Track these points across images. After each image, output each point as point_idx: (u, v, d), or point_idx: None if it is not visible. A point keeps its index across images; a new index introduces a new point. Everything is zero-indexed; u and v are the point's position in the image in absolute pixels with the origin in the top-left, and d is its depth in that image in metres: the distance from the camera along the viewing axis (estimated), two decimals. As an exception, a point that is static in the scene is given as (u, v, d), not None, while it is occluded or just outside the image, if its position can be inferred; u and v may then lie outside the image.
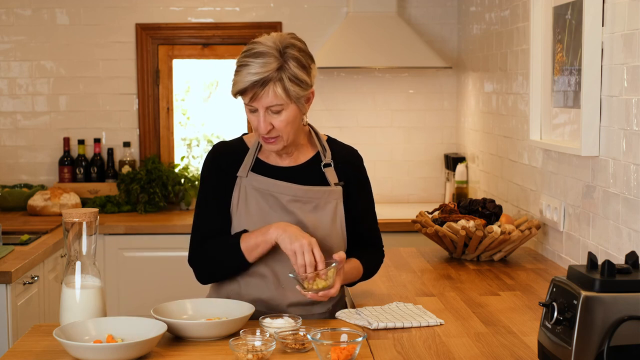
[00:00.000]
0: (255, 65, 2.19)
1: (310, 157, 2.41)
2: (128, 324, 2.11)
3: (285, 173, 2.37)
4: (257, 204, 2.34)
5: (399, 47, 4.72)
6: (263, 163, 2.38)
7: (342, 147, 2.47)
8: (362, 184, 2.46)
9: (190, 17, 4.96)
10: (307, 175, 2.37)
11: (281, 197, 2.34)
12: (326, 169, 2.39)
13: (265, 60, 2.19)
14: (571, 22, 2.95)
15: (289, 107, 2.23)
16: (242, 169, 2.36)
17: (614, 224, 2.64)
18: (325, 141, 2.44)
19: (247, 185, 2.35)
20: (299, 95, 2.23)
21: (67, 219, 2.16)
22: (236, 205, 2.35)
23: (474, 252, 3.22)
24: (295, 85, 2.21)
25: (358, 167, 2.46)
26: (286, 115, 2.24)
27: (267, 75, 2.18)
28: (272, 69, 2.19)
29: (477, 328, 2.29)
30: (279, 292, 2.34)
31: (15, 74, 4.94)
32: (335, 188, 2.37)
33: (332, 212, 2.36)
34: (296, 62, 2.22)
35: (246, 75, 2.19)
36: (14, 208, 4.68)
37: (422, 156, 5.09)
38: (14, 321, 3.29)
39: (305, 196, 2.34)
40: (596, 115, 2.72)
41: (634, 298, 1.69)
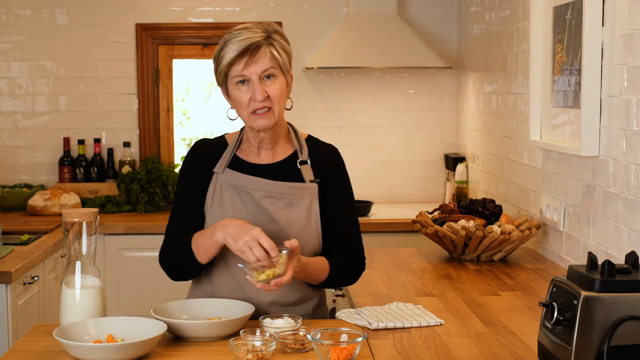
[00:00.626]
0: (243, 34, 2.22)
1: (288, 154, 2.39)
2: (128, 324, 2.11)
3: (261, 170, 2.35)
4: (231, 200, 2.33)
5: (399, 47, 4.72)
6: (240, 160, 2.38)
7: (321, 146, 2.44)
8: (340, 184, 2.41)
9: (190, 17, 4.96)
10: (283, 172, 2.35)
11: (254, 192, 2.32)
12: (302, 166, 2.36)
13: (253, 30, 2.23)
14: (571, 22, 2.95)
15: (280, 77, 2.26)
16: (219, 165, 2.36)
17: (614, 224, 2.64)
18: (304, 139, 2.42)
19: (223, 182, 2.34)
20: (287, 67, 2.27)
21: (67, 219, 2.16)
22: (211, 201, 2.34)
23: (474, 252, 3.22)
24: (285, 54, 2.26)
25: (336, 165, 2.43)
26: (279, 84, 2.25)
27: (258, 40, 2.21)
28: (261, 36, 2.23)
29: (477, 328, 2.29)
30: (254, 291, 2.29)
31: (15, 74, 4.94)
32: (310, 185, 2.34)
33: (306, 209, 2.33)
34: (281, 37, 2.28)
35: (236, 42, 2.21)
36: (14, 208, 4.68)
37: (422, 156, 5.09)
38: (14, 321, 3.29)
39: (278, 192, 2.32)
40: (596, 115, 2.72)
41: (634, 298, 1.69)
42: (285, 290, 2.32)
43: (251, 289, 2.29)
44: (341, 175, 2.43)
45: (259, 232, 2.12)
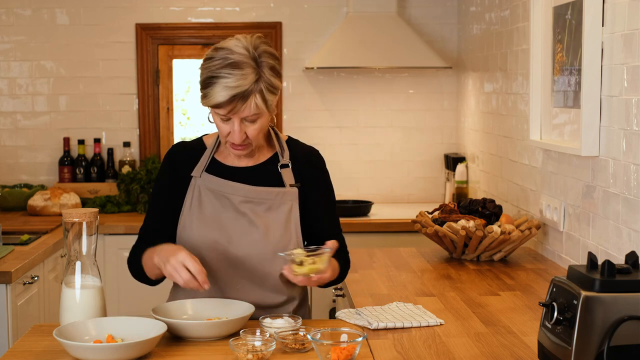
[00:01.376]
0: (232, 77, 2.13)
1: (268, 157, 2.37)
2: (128, 324, 2.11)
3: (240, 173, 2.34)
4: (211, 205, 2.31)
5: (399, 47, 4.72)
6: (219, 163, 2.36)
7: (302, 148, 2.42)
8: (321, 185, 2.40)
9: (190, 17, 4.96)
10: (263, 175, 2.34)
11: (233, 197, 2.31)
12: (283, 169, 2.34)
13: (244, 72, 2.14)
14: (571, 22, 2.95)
15: (264, 116, 2.21)
16: (197, 169, 2.34)
17: (614, 224, 2.64)
18: (284, 142, 2.39)
19: (201, 186, 2.33)
20: (273, 103, 2.22)
21: (67, 219, 2.16)
22: (189, 205, 2.32)
23: (474, 252, 3.22)
24: (272, 94, 2.19)
25: (317, 167, 2.41)
26: (260, 124, 2.22)
27: (247, 89, 2.13)
28: (251, 81, 2.14)
29: (477, 328, 2.29)
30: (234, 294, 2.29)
31: (15, 74, 4.94)
32: (290, 189, 2.33)
33: (286, 213, 2.31)
34: (271, 70, 2.19)
35: (223, 88, 2.14)
36: (14, 208, 4.68)
37: (422, 156, 5.09)
38: (14, 321, 3.29)
39: (257, 197, 2.31)
40: (596, 115, 2.72)
41: (634, 298, 1.69)
42: (271, 293, 2.32)
43: (231, 292, 2.30)
44: (322, 176, 2.41)
45: (185, 256, 2.10)
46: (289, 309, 2.37)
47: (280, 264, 2.28)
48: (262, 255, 2.29)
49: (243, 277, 2.30)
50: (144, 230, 2.39)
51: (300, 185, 2.35)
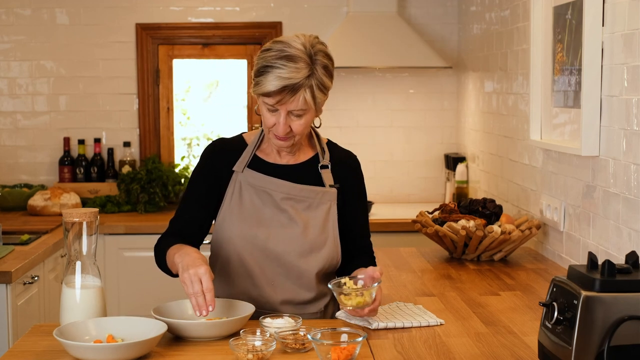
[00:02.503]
0: (286, 69, 2.16)
1: (309, 157, 2.41)
2: (128, 324, 2.11)
3: (281, 171, 2.37)
4: (250, 200, 2.34)
5: (399, 47, 4.72)
6: (260, 160, 2.39)
7: (341, 151, 2.46)
8: (358, 190, 2.45)
9: (190, 17, 4.96)
10: (303, 174, 2.37)
11: (275, 194, 2.34)
12: (323, 170, 2.38)
13: (298, 66, 2.17)
14: (571, 22, 2.95)
15: (310, 112, 2.25)
16: (239, 164, 2.37)
17: (614, 223, 2.63)
18: (325, 143, 2.44)
19: (242, 181, 2.36)
20: (322, 101, 2.25)
21: (67, 218, 2.16)
22: (230, 199, 2.35)
23: (474, 252, 3.22)
24: (321, 93, 2.23)
25: (355, 172, 2.45)
26: (306, 119, 2.25)
27: (298, 82, 2.17)
28: (304, 75, 2.17)
29: (478, 328, 2.29)
30: (269, 289, 2.33)
31: (15, 74, 4.94)
32: (330, 189, 2.37)
33: (325, 213, 2.35)
34: (324, 69, 2.23)
35: (276, 78, 2.16)
36: (14, 208, 4.68)
37: (422, 156, 5.09)
38: (14, 321, 3.29)
39: (298, 195, 2.34)
40: (596, 115, 2.72)
41: (634, 298, 1.69)
42: (300, 290, 2.34)
43: (267, 287, 2.32)
44: (358, 180, 2.45)
45: (205, 271, 2.09)
46: (320, 306, 2.39)
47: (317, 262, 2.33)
48: (299, 252, 2.32)
49: (279, 273, 2.33)
50: (175, 219, 2.40)
51: (340, 187, 2.38)
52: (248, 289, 2.34)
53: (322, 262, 2.34)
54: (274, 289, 2.33)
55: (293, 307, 2.34)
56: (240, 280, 2.34)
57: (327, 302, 2.42)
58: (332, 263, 2.37)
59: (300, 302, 2.35)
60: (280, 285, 2.33)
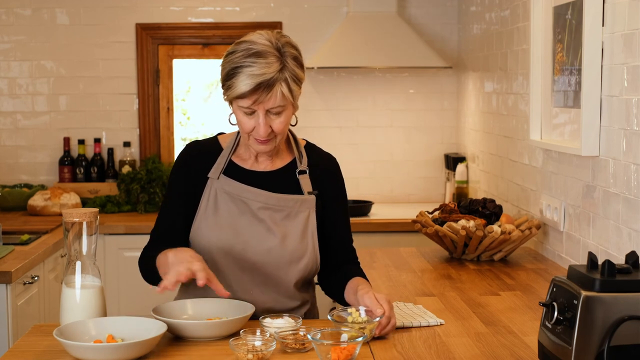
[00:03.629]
0: (257, 66, 2.09)
1: (287, 162, 2.34)
2: (128, 324, 2.11)
3: (258, 178, 2.30)
4: (227, 208, 2.28)
5: (399, 47, 4.72)
6: (237, 166, 2.32)
7: (319, 154, 2.39)
8: (337, 194, 2.38)
9: (190, 17, 4.96)
10: (281, 181, 2.31)
11: (252, 203, 2.28)
12: (301, 175, 2.32)
13: (268, 61, 2.10)
14: (571, 22, 2.95)
15: (288, 109, 2.18)
16: (214, 171, 2.30)
17: (614, 223, 2.63)
18: (302, 147, 2.37)
19: (218, 188, 2.29)
20: (297, 95, 2.19)
21: (67, 218, 2.16)
22: (205, 207, 2.29)
23: (474, 252, 3.22)
24: (296, 85, 2.16)
25: (334, 175, 2.38)
26: (286, 116, 2.18)
27: (272, 76, 2.09)
28: (276, 69, 2.10)
29: (478, 328, 2.29)
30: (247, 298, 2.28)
31: (15, 74, 4.94)
32: (308, 197, 2.31)
33: (303, 221, 2.29)
34: (295, 61, 2.16)
35: (248, 77, 2.09)
36: (14, 208, 4.68)
37: (422, 156, 5.09)
38: (14, 321, 3.29)
39: (276, 204, 2.28)
40: (596, 115, 2.72)
41: (634, 298, 1.69)
42: (284, 298, 2.31)
43: (245, 297, 2.28)
44: (338, 184, 2.39)
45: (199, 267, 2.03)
46: (300, 312, 2.36)
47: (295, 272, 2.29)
48: (277, 263, 2.27)
49: (257, 282, 2.29)
50: (156, 229, 2.36)
51: (318, 192, 2.33)
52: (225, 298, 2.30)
53: (301, 272, 2.30)
54: (252, 298, 2.28)
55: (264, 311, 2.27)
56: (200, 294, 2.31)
57: (307, 309, 2.38)
58: (311, 271, 2.34)
59: (279, 310, 2.30)
60: (258, 294, 2.28)
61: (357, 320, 2.11)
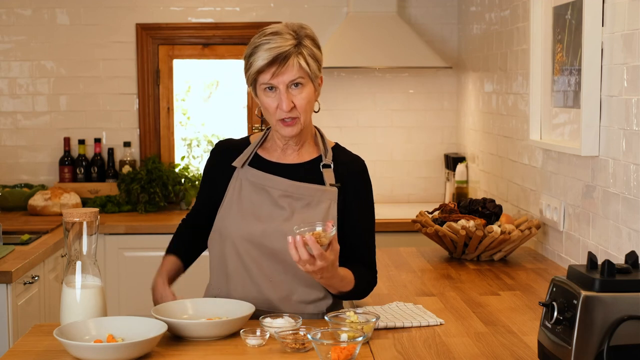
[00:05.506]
0: (273, 42, 2.21)
1: (313, 157, 2.40)
2: (128, 323, 2.11)
3: (283, 169, 2.36)
4: (249, 197, 2.35)
5: (399, 47, 4.72)
6: (261, 158, 2.40)
7: (346, 154, 2.43)
8: (361, 193, 2.38)
9: (190, 17, 4.96)
10: (304, 173, 2.36)
11: (273, 191, 2.34)
12: (325, 169, 2.36)
13: (284, 37, 2.23)
14: (571, 22, 2.96)
15: (308, 85, 2.28)
16: (239, 160, 2.39)
17: (614, 223, 2.64)
18: (330, 146, 2.43)
19: (243, 178, 2.38)
20: (316, 74, 2.29)
21: (68, 218, 2.17)
22: (230, 196, 2.37)
23: (474, 251, 3.22)
24: (314, 62, 2.27)
25: (359, 174, 2.39)
26: (307, 93, 2.27)
27: (288, 49, 2.22)
28: (292, 44, 2.23)
29: (477, 328, 2.29)
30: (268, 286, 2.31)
31: (15, 74, 4.94)
32: (330, 188, 2.33)
33: (324, 211, 2.32)
34: (311, 40, 2.30)
35: (265, 51, 2.21)
36: (14, 208, 4.68)
37: (422, 156, 5.09)
38: (14, 321, 3.29)
39: (296, 192, 2.33)
40: (596, 115, 2.72)
41: (634, 298, 1.70)
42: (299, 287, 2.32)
43: (265, 284, 2.31)
44: (365, 185, 2.40)
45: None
46: (321, 307, 2.35)
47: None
48: None
49: (277, 270, 2.32)
50: (189, 215, 2.55)
51: (341, 186, 2.35)
52: (246, 285, 2.33)
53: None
54: (273, 286, 2.31)
55: (293, 304, 2.31)
56: (238, 277, 2.34)
57: (329, 305, 2.38)
58: None
59: (299, 300, 2.32)
60: (278, 281, 2.31)
61: (354, 321, 2.11)
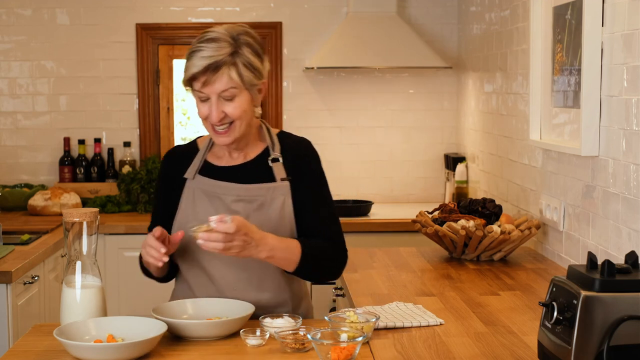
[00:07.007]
0: (208, 49, 2.16)
1: (260, 152, 2.35)
2: (128, 324, 2.11)
3: (231, 172, 2.33)
4: (203, 207, 2.31)
5: (399, 47, 4.72)
6: (211, 165, 2.36)
7: (293, 140, 2.38)
8: (311, 176, 2.34)
9: (190, 17, 4.97)
10: (254, 172, 2.32)
11: (225, 197, 2.30)
12: (274, 163, 2.32)
13: (219, 45, 2.17)
14: (571, 22, 2.96)
15: (242, 94, 2.21)
16: (189, 171, 2.35)
17: (613, 223, 2.64)
18: (275, 135, 2.37)
19: (195, 188, 2.34)
20: (252, 83, 2.21)
21: (68, 218, 2.17)
22: (184, 207, 2.34)
23: (473, 251, 3.22)
24: (249, 72, 2.19)
25: (308, 158, 2.35)
26: (239, 102, 2.21)
27: (220, 59, 2.16)
28: (226, 53, 2.17)
29: (477, 328, 2.29)
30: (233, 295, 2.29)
31: (15, 74, 4.94)
32: (281, 184, 2.31)
33: (279, 208, 2.30)
34: (250, 48, 2.21)
35: (199, 59, 2.16)
36: (14, 208, 4.68)
37: (422, 156, 5.09)
38: (14, 321, 3.29)
39: (248, 195, 2.30)
40: (596, 115, 2.72)
41: (633, 298, 1.70)
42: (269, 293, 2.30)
43: (230, 293, 2.30)
44: (311, 166, 2.36)
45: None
46: (287, 308, 2.35)
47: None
48: None
49: (241, 278, 2.30)
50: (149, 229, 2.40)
51: (292, 178, 2.32)
52: (211, 296, 2.31)
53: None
54: (237, 294, 2.29)
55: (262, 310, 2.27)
56: (203, 288, 2.33)
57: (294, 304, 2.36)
58: None
59: (267, 305, 2.30)
60: (242, 290, 2.29)
61: (354, 321, 2.11)
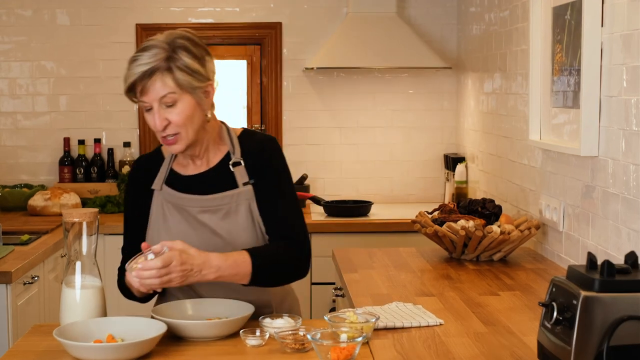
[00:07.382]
0: (143, 57, 2.14)
1: (222, 157, 2.32)
2: (128, 324, 2.11)
3: (197, 181, 2.30)
4: (173, 218, 2.30)
5: (399, 47, 4.72)
6: (176, 174, 2.33)
7: (255, 140, 2.33)
8: (273, 173, 2.30)
9: (190, 17, 4.97)
10: (217, 179, 2.29)
11: (191, 209, 2.29)
12: (235, 168, 2.29)
13: (153, 52, 2.14)
14: (570, 22, 2.96)
15: (183, 99, 2.17)
16: (156, 182, 2.33)
17: (613, 224, 2.64)
18: (236, 137, 2.33)
19: (163, 199, 2.32)
20: (193, 86, 2.16)
21: (67, 219, 2.17)
22: (155, 219, 2.32)
23: (473, 252, 3.22)
24: (187, 75, 2.15)
25: (269, 157, 2.30)
26: (182, 108, 2.17)
27: (154, 65, 2.13)
28: (160, 58, 2.13)
29: (477, 328, 2.30)
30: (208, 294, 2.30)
31: (15, 74, 4.94)
32: (243, 189, 2.28)
33: (245, 214, 2.27)
34: (186, 51, 2.16)
35: (134, 67, 2.14)
36: (14, 208, 4.68)
37: (422, 156, 5.09)
38: (14, 321, 3.29)
39: (212, 205, 2.27)
40: (595, 115, 2.72)
41: (633, 298, 1.70)
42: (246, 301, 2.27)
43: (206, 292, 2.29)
44: (275, 164, 2.31)
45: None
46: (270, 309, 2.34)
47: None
48: None
49: (217, 286, 2.28)
50: (126, 250, 2.38)
51: (255, 180, 2.28)
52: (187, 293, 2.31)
53: None
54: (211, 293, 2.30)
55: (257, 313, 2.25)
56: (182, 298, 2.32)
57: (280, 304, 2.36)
58: None
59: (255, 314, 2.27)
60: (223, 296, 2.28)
61: (354, 322, 2.11)
